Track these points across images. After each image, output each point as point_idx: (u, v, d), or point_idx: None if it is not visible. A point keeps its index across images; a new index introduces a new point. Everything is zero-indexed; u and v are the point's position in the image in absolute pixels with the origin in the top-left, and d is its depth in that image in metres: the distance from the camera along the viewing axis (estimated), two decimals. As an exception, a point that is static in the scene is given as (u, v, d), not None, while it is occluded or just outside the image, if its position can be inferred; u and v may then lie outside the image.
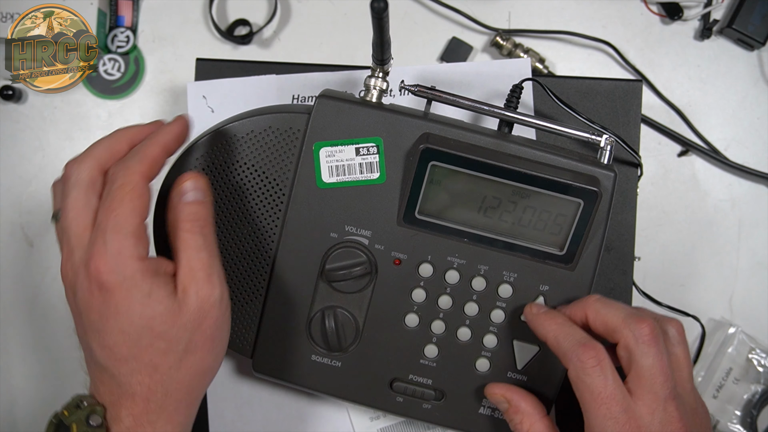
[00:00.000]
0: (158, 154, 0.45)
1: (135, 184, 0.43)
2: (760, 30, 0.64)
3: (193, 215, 0.44)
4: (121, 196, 0.42)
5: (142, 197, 0.43)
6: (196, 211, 0.45)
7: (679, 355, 0.46)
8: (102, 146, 0.45)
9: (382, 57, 0.47)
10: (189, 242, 0.44)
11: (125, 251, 0.41)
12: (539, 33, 0.65)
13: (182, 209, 0.44)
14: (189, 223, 0.44)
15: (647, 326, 0.44)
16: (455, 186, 0.48)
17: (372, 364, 0.52)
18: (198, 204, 0.45)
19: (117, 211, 0.42)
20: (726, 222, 0.65)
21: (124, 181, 0.43)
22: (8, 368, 0.67)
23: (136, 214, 0.42)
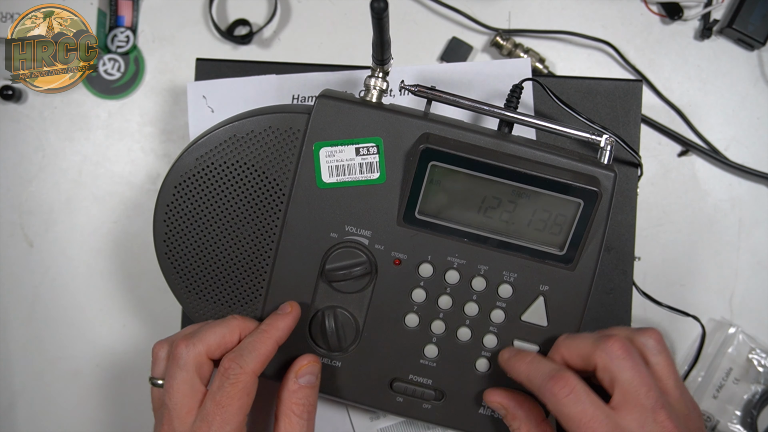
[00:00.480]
0: (271, 351, 0.47)
1: (246, 383, 0.45)
2: (760, 30, 0.64)
3: (304, 399, 0.47)
4: (233, 393, 0.45)
5: (250, 395, 0.45)
6: (308, 395, 0.48)
7: (661, 364, 0.46)
8: (214, 334, 0.47)
9: (382, 57, 0.47)
10: (295, 426, 0.47)
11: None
12: (539, 33, 0.65)
13: (296, 390, 0.48)
14: (299, 408, 0.47)
15: (616, 342, 0.44)
16: (455, 186, 0.48)
17: (372, 364, 0.52)
18: (310, 388, 0.48)
19: (227, 408, 0.44)
20: (726, 222, 0.65)
21: (237, 379, 0.45)
22: (8, 368, 0.67)
23: (242, 411, 0.45)
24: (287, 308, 0.50)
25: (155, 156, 0.67)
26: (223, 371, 0.45)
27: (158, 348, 0.49)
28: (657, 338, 0.46)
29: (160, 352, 0.49)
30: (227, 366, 0.45)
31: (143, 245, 0.66)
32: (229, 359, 0.46)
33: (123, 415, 0.67)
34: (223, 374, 0.45)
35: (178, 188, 0.50)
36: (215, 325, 0.48)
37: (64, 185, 0.67)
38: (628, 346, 0.44)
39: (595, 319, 0.59)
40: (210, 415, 0.44)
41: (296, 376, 0.48)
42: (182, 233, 0.51)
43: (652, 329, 0.47)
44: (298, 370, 0.48)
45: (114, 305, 0.67)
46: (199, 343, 0.46)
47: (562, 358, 0.48)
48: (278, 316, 0.49)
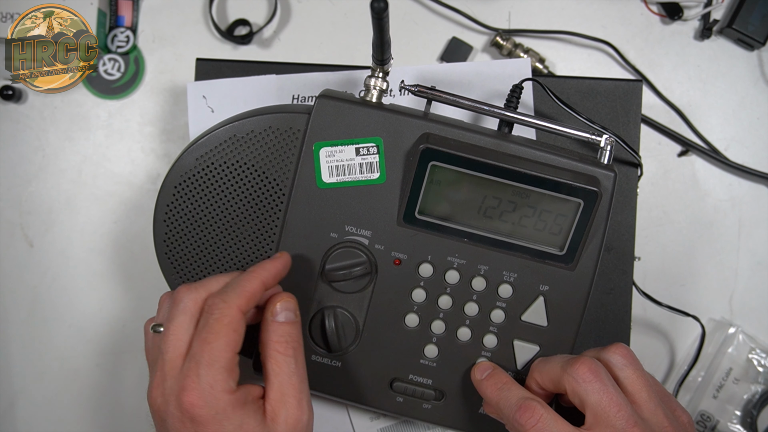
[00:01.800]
0: (256, 289, 0.46)
1: (232, 318, 0.43)
2: (760, 30, 0.63)
3: (286, 336, 0.45)
4: (217, 329, 0.43)
5: (237, 331, 0.44)
6: (289, 331, 0.46)
7: (630, 378, 0.45)
8: (216, 282, 0.46)
9: (382, 57, 0.47)
10: (282, 365, 0.45)
11: (217, 385, 0.42)
12: (539, 33, 0.65)
13: (275, 329, 0.45)
14: (282, 345, 0.45)
15: (582, 365, 0.44)
16: (455, 186, 0.48)
17: (372, 364, 0.52)
18: (290, 324, 0.46)
19: (213, 344, 0.43)
20: (726, 222, 0.65)
21: (221, 314, 0.43)
22: (8, 368, 0.67)
23: (230, 348, 0.43)
24: (277, 255, 0.49)
25: (155, 156, 0.66)
26: (207, 308, 0.44)
27: (165, 297, 0.48)
28: (622, 352, 0.46)
29: (166, 301, 0.48)
30: (210, 302, 0.44)
31: (143, 245, 0.66)
32: (212, 296, 0.45)
33: (123, 415, 0.67)
34: (207, 311, 0.44)
35: (178, 188, 0.50)
36: (220, 275, 0.47)
37: (64, 185, 0.67)
38: (595, 366, 0.44)
39: (595, 319, 0.59)
40: (197, 354, 0.43)
41: (272, 315, 0.46)
42: (182, 233, 0.51)
43: (618, 344, 0.47)
44: (273, 308, 0.46)
45: (114, 305, 0.67)
46: (201, 288, 0.46)
47: (536, 382, 0.48)
48: (267, 260, 0.48)
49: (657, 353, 0.65)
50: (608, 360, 0.46)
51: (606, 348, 0.47)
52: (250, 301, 0.45)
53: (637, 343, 0.62)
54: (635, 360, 0.46)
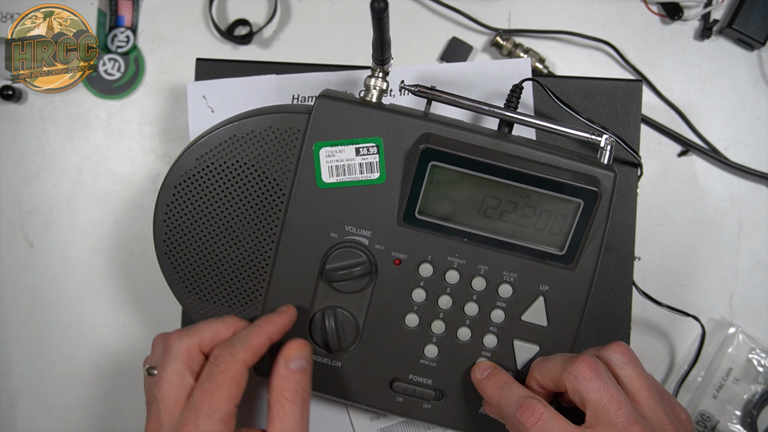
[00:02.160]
0: (262, 343, 0.47)
1: (236, 371, 0.44)
2: (760, 30, 0.63)
3: (297, 385, 0.46)
4: (221, 381, 0.44)
5: (240, 385, 0.45)
6: (300, 380, 0.46)
7: (630, 376, 0.45)
8: (209, 329, 0.47)
9: (382, 57, 0.47)
10: (288, 414, 0.45)
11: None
12: (539, 33, 0.65)
13: (287, 376, 0.46)
14: (291, 393, 0.45)
15: (582, 363, 0.44)
16: (455, 186, 0.48)
17: (372, 364, 0.52)
18: (302, 373, 0.46)
19: (215, 395, 0.43)
20: (726, 222, 0.65)
21: (227, 367, 0.44)
22: (8, 368, 0.67)
23: (231, 401, 0.44)
24: (284, 309, 0.50)
25: (155, 156, 0.66)
26: (213, 359, 0.45)
27: (158, 339, 0.49)
28: (622, 351, 0.46)
29: (159, 343, 0.48)
30: (217, 354, 0.45)
31: (143, 245, 0.66)
32: (219, 348, 0.46)
33: (123, 415, 0.67)
34: (212, 362, 0.45)
35: (178, 188, 0.50)
36: (211, 321, 0.48)
37: (64, 185, 0.67)
38: (595, 364, 0.44)
39: (595, 319, 0.59)
40: (198, 404, 0.43)
41: (286, 362, 0.46)
42: (182, 233, 0.51)
43: (618, 342, 0.47)
44: (288, 355, 0.47)
45: (114, 305, 0.67)
46: (193, 336, 0.46)
47: (536, 381, 0.48)
48: (273, 314, 0.49)
49: (657, 353, 0.65)
50: (608, 358, 0.46)
51: (606, 346, 0.47)
52: (255, 356, 0.46)
53: (637, 343, 0.62)
54: (635, 358, 0.46)
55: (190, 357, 0.46)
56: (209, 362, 0.45)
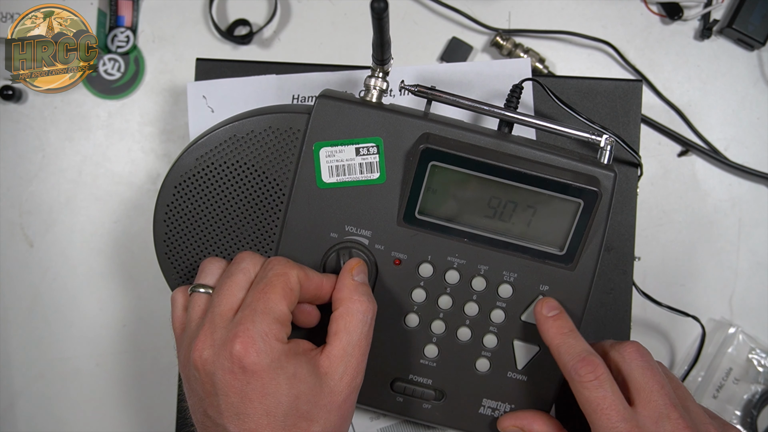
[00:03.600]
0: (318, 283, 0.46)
1: (289, 276, 0.44)
2: (760, 30, 0.64)
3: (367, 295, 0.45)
4: (275, 282, 0.43)
5: (293, 291, 0.44)
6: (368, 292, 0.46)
7: (672, 377, 0.47)
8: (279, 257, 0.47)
9: (382, 57, 0.47)
10: (357, 323, 0.44)
11: (272, 334, 0.42)
12: (539, 33, 0.65)
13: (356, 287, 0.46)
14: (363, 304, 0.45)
15: (630, 345, 0.46)
16: (455, 186, 0.48)
17: (372, 364, 0.52)
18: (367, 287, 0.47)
19: (269, 294, 0.43)
20: (726, 222, 0.65)
21: (281, 270, 0.44)
22: (8, 368, 0.67)
23: (285, 300, 0.43)
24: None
25: (155, 156, 0.67)
26: (267, 264, 0.45)
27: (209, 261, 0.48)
28: (641, 351, 0.48)
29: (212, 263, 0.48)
30: (272, 260, 0.45)
31: (143, 245, 0.66)
32: (274, 258, 0.45)
33: (123, 415, 0.67)
34: (266, 267, 0.44)
35: (178, 188, 0.50)
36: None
37: (64, 185, 0.67)
38: (642, 348, 0.46)
39: (595, 319, 0.59)
40: (253, 303, 0.42)
41: (351, 274, 0.46)
42: (182, 233, 0.51)
43: (633, 342, 0.48)
44: (352, 269, 0.46)
45: (114, 305, 0.67)
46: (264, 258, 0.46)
47: None
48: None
49: (657, 353, 0.65)
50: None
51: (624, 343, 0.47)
52: (308, 281, 0.45)
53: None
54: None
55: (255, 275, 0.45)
56: (263, 268, 0.45)
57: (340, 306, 0.45)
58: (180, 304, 0.47)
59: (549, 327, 0.48)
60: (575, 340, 0.46)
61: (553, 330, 0.47)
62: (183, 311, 0.47)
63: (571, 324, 0.48)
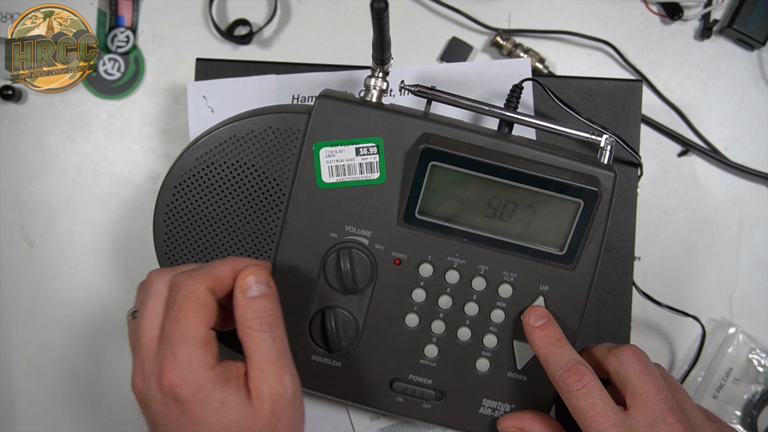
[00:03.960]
0: (226, 275, 0.44)
1: (199, 293, 0.42)
2: (760, 30, 0.64)
3: (259, 311, 0.43)
4: (185, 305, 0.42)
5: (207, 306, 0.43)
6: (262, 306, 0.44)
7: (671, 380, 0.47)
8: (189, 265, 0.46)
9: (382, 57, 0.47)
10: (258, 342, 0.43)
11: (194, 362, 0.41)
12: (539, 33, 0.65)
13: (247, 305, 0.44)
14: (256, 321, 0.43)
15: (628, 348, 0.46)
16: (455, 186, 0.48)
17: (372, 364, 0.52)
18: (262, 298, 0.44)
19: (183, 321, 0.42)
20: (726, 222, 0.65)
21: (189, 290, 0.43)
22: (8, 368, 0.67)
23: (201, 323, 0.42)
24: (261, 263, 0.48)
25: (155, 156, 0.67)
26: (174, 286, 0.43)
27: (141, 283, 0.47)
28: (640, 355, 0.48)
29: (142, 286, 0.47)
30: (177, 280, 0.43)
31: (143, 245, 0.66)
32: (180, 274, 0.44)
33: (122, 415, 0.67)
34: (173, 289, 0.43)
35: (178, 188, 0.50)
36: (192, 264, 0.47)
37: (64, 185, 0.67)
38: (640, 352, 0.46)
39: (595, 319, 0.59)
40: (170, 333, 0.42)
41: (242, 292, 0.44)
42: (182, 233, 0.51)
43: (631, 345, 0.48)
44: (242, 285, 0.44)
45: (114, 305, 0.67)
46: (172, 271, 0.45)
47: None
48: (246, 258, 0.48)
49: (657, 353, 0.65)
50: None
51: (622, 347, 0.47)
52: (218, 283, 0.44)
53: (637, 343, 0.61)
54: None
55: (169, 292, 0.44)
56: (172, 290, 0.43)
57: (237, 327, 0.44)
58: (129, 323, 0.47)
59: (537, 337, 0.48)
60: (562, 349, 0.47)
61: (541, 340, 0.48)
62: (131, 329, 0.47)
63: (560, 333, 0.48)
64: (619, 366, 0.45)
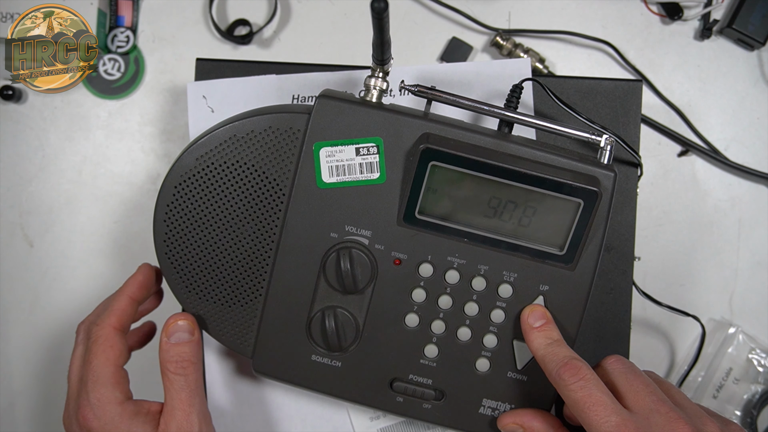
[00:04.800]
0: (125, 305, 0.51)
1: (106, 336, 0.49)
2: (760, 30, 0.64)
3: (177, 356, 0.49)
4: (95, 350, 0.48)
5: (114, 347, 0.49)
6: (179, 352, 0.49)
7: (663, 382, 0.48)
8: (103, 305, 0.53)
9: (382, 57, 0.47)
10: (172, 382, 0.48)
11: (104, 398, 0.47)
12: (539, 33, 0.65)
13: (168, 349, 0.49)
14: (173, 365, 0.48)
15: (611, 356, 0.48)
16: (455, 186, 0.48)
17: (372, 364, 0.52)
18: (182, 345, 0.49)
19: (92, 363, 0.48)
20: (726, 222, 0.65)
21: (96, 335, 0.49)
22: (8, 368, 0.67)
23: (110, 363, 0.48)
24: (139, 268, 0.54)
25: (155, 156, 0.67)
26: (82, 334, 0.50)
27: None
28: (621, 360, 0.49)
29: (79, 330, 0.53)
30: (84, 329, 0.51)
31: (143, 245, 0.66)
32: (85, 323, 0.51)
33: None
34: (83, 338, 0.50)
35: (178, 188, 0.50)
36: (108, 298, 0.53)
37: (64, 185, 0.67)
38: (623, 358, 0.47)
39: (595, 319, 0.59)
40: (84, 376, 0.48)
41: (167, 336, 0.49)
42: (182, 233, 0.51)
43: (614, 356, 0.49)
44: (167, 330, 0.50)
45: (114, 305, 0.67)
46: (89, 318, 0.52)
47: None
48: (131, 276, 0.53)
49: (657, 353, 0.65)
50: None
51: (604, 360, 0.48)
52: (121, 317, 0.50)
53: (637, 343, 0.62)
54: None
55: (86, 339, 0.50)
56: (87, 338, 0.49)
57: (160, 368, 0.49)
58: None
59: (535, 337, 0.48)
60: (560, 348, 0.47)
61: (539, 340, 0.48)
62: None
63: (557, 333, 0.48)
64: (603, 374, 0.46)
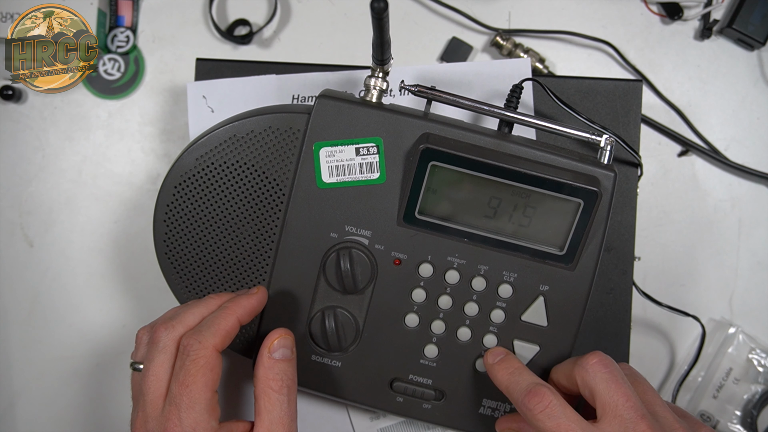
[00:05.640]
0: (232, 327, 0.46)
1: (207, 358, 0.44)
2: (760, 30, 0.64)
3: (281, 374, 0.46)
4: (194, 371, 0.43)
5: (214, 371, 0.44)
6: (284, 369, 0.46)
7: (639, 381, 0.46)
8: (193, 315, 0.47)
9: (382, 57, 0.47)
10: (274, 403, 0.44)
11: (199, 427, 0.43)
12: (539, 33, 0.65)
13: (272, 366, 0.46)
14: (277, 383, 0.45)
15: (592, 356, 0.45)
16: (455, 186, 0.48)
17: (372, 364, 0.52)
18: (286, 362, 0.46)
19: (191, 386, 0.43)
20: (726, 222, 0.65)
21: (197, 355, 0.44)
22: (8, 368, 0.67)
23: (208, 388, 0.43)
24: (254, 290, 0.50)
25: (155, 156, 0.67)
26: (182, 349, 0.44)
27: (142, 333, 0.48)
28: (626, 366, 0.48)
29: (144, 337, 0.48)
30: (186, 343, 0.44)
31: (143, 245, 0.66)
32: (187, 336, 0.45)
33: (123, 416, 0.67)
34: (182, 353, 0.44)
35: (178, 188, 0.50)
36: (194, 306, 0.47)
37: (64, 185, 0.67)
38: (606, 358, 0.45)
39: (595, 319, 0.59)
40: (176, 397, 0.43)
41: (269, 351, 0.46)
42: (182, 233, 0.51)
43: (595, 352, 0.47)
44: (270, 345, 0.46)
45: (114, 305, 0.67)
46: (179, 326, 0.46)
47: (552, 381, 0.49)
48: (243, 296, 0.49)
49: (657, 353, 0.65)
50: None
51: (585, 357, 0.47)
52: (225, 340, 0.45)
53: (637, 343, 0.62)
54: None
55: (176, 348, 0.45)
56: (180, 353, 0.44)
57: (257, 384, 0.46)
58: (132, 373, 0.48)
59: (496, 371, 0.48)
60: (521, 376, 0.46)
61: (501, 373, 0.48)
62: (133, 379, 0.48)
63: (518, 363, 0.48)
64: (585, 376, 0.45)
